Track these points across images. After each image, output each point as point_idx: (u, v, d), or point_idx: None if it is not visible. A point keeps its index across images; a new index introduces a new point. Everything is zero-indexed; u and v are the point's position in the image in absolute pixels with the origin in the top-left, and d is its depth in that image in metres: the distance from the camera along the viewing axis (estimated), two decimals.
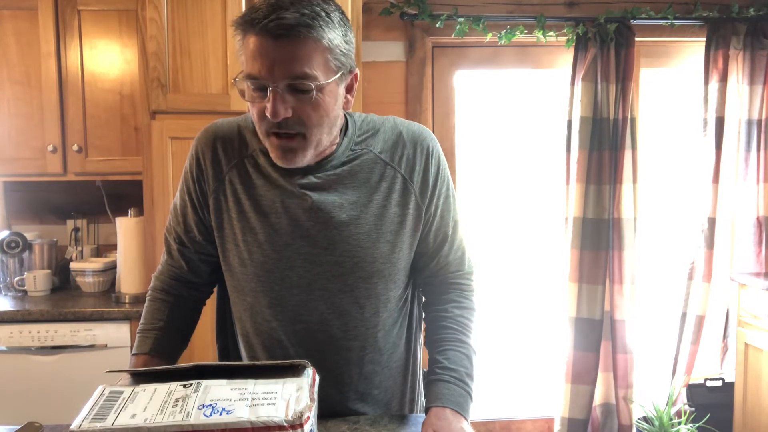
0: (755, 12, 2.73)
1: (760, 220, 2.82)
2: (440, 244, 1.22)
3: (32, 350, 2.31)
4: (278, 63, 0.99)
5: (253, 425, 0.79)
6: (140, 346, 1.21)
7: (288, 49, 0.99)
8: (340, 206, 1.13)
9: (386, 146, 1.16)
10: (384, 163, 1.15)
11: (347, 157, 1.15)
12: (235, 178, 1.16)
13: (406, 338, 1.28)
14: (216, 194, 1.17)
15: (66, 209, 2.83)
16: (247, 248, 1.15)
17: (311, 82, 1.00)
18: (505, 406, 3.01)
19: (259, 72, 1.00)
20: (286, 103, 1.01)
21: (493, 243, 3.00)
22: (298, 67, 0.99)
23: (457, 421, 1.09)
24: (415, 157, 1.17)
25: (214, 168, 1.17)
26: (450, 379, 1.15)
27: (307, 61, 1.00)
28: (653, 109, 2.95)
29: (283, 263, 1.14)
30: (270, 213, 1.13)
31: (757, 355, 2.59)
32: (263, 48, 0.99)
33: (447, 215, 1.22)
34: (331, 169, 1.14)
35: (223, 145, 1.18)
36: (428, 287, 1.27)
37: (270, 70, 1.00)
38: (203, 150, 1.19)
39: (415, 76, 2.73)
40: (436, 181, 1.19)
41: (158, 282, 1.28)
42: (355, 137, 1.16)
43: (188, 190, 1.21)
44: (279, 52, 0.99)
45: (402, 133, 1.18)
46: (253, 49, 1.01)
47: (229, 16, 2.25)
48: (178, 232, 1.24)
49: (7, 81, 2.52)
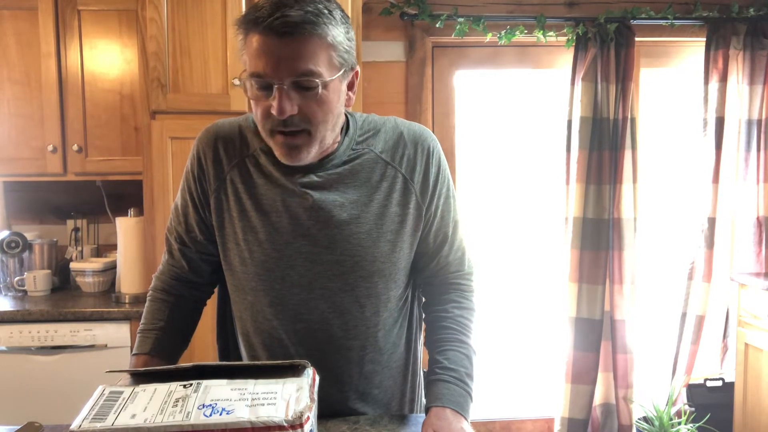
0: (755, 12, 2.73)
1: (760, 220, 2.82)
2: (440, 244, 1.22)
3: (32, 350, 2.31)
4: (284, 60, 0.99)
5: (253, 425, 0.79)
6: (140, 346, 1.20)
7: (293, 47, 0.99)
8: (341, 205, 1.13)
9: (387, 146, 1.17)
10: (385, 163, 1.16)
11: (348, 156, 1.15)
12: (236, 177, 1.16)
13: (406, 338, 1.28)
14: (217, 193, 1.17)
15: (66, 209, 2.83)
16: (248, 247, 1.15)
17: (316, 78, 1.01)
18: (505, 406, 3.01)
19: (264, 70, 1.00)
20: (292, 100, 1.01)
21: (493, 243, 3.00)
22: (304, 64, 0.99)
23: (457, 421, 1.09)
24: (416, 157, 1.17)
25: (216, 167, 1.17)
26: (450, 379, 1.15)
27: (312, 58, 1.00)
28: (653, 109, 2.95)
29: (284, 262, 1.14)
30: (271, 212, 1.14)
31: (757, 355, 2.59)
32: (268, 46, 0.99)
33: (447, 215, 1.22)
34: (332, 168, 1.14)
35: (225, 145, 1.18)
36: (428, 287, 1.27)
37: (275, 67, 0.99)
38: (204, 150, 1.19)
39: (415, 76, 2.73)
40: (437, 182, 1.19)
41: (159, 282, 1.28)
42: (356, 137, 1.16)
43: (189, 189, 1.21)
44: (284, 50, 0.99)
45: (403, 134, 1.18)
46: (257, 47, 1.00)
47: (229, 16, 2.25)
48: (180, 231, 1.24)
49: (7, 81, 2.52)
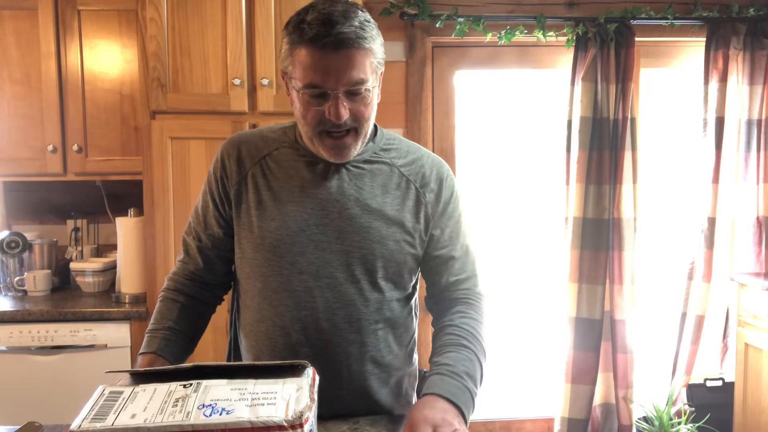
0: (755, 12, 2.73)
1: (760, 220, 2.82)
2: (448, 264, 1.25)
3: (32, 350, 2.31)
4: (340, 72, 1.09)
5: (253, 425, 0.79)
6: (147, 346, 1.23)
7: (347, 60, 1.09)
8: (356, 200, 1.20)
9: (406, 161, 1.26)
10: (401, 175, 1.24)
11: (371, 157, 1.24)
12: (257, 173, 1.24)
13: (407, 347, 1.30)
14: (238, 186, 1.25)
15: (66, 209, 2.83)
16: (261, 234, 1.21)
17: (365, 85, 1.12)
18: (505, 406, 3.01)
19: (322, 81, 1.10)
20: (345, 106, 1.12)
21: (493, 243, 3.00)
22: (356, 74, 1.11)
23: (444, 411, 1.02)
24: (431, 176, 1.26)
25: (238, 165, 1.25)
26: (445, 372, 1.11)
27: (361, 67, 1.11)
28: (653, 109, 2.95)
29: (295, 248, 1.19)
30: (288, 202, 1.20)
31: (757, 355, 2.59)
32: (324, 60, 1.09)
33: (456, 238, 1.26)
34: (353, 164, 1.22)
35: (247, 147, 1.27)
36: (437, 306, 1.29)
37: (331, 78, 1.10)
38: (228, 151, 1.27)
39: (415, 76, 2.73)
40: (448, 203, 1.26)
41: (171, 282, 1.32)
42: (381, 144, 1.27)
43: (210, 190, 1.28)
44: (339, 63, 1.09)
45: (423, 156, 1.29)
46: (312, 61, 1.09)
47: (229, 16, 2.26)
48: (198, 231, 1.31)
49: (7, 81, 2.52)
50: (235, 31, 2.26)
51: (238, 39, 2.26)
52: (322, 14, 1.08)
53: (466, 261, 1.26)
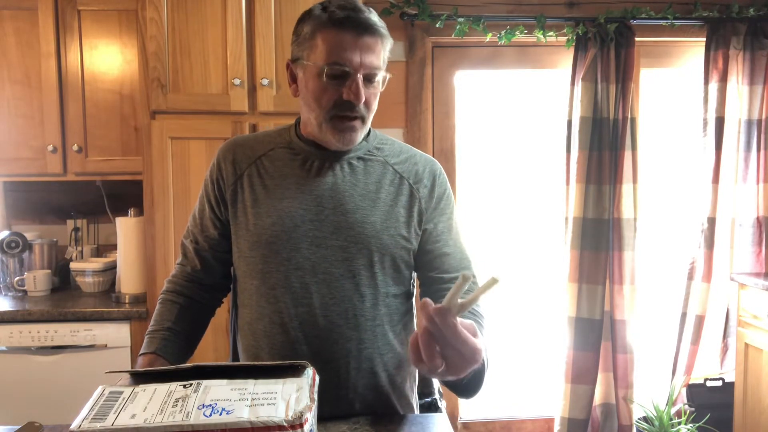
0: (755, 12, 2.73)
1: (760, 220, 2.82)
2: (443, 260, 1.25)
3: (32, 350, 2.31)
4: (363, 54, 1.15)
5: (252, 425, 0.79)
6: (147, 347, 1.23)
7: (369, 44, 1.16)
8: (351, 196, 1.22)
9: (399, 159, 1.29)
10: (395, 171, 1.27)
11: (365, 154, 1.27)
12: (253, 173, 1.26)
13: (407, 346, 1.29)
14: (234, 187, 1.27)
15: (66, 209, 2.83)
16: (257, 231, 1.22)
17: (379, 74, 1.18)
18: (505, 406, 3.01)
19: (347, 60, 1.14)
20: (363, 89, 1.16)
21: (493, 243, 3.00)
22: (375, 59, 1.17)
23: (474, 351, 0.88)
24: (424, 174, 1.28)
25: (234, 167, 1.28)
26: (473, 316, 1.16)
27: (378, 54, 1.17)
28: (653, 109, 2.95)
29: (290, 244, 1.20)
30: (283, 198, 1.22)
31: (757, 355, 2.59)
32: (351, 41, 1.14)
33: (448, 233, 1.27)
34: (347, 161, 1.25)
35: (243, 150, 1.29)
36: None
37: (356, 59, 1.14)
38: (225, 154, 1.30)
39: (415, 76, 2.73)
40: (441, 200, 1.28)
41: (171, 284, 1.34)
42: (375, 143, 1.30)
43: (207, 194, 1.31)
44: (363, 45, 1.15)
45: (416, 155, 1.32)
46: (339, 40, 1.14)
47: (229, 16, 2.26)
48: (195, 233, 1.33)
49: (7, 81, 2.52)
50: (235, 31, 2.26)
51: (238, 39, 2.26)
52: (349, 2, 1.16)
53: (459, 258, 1.26)
